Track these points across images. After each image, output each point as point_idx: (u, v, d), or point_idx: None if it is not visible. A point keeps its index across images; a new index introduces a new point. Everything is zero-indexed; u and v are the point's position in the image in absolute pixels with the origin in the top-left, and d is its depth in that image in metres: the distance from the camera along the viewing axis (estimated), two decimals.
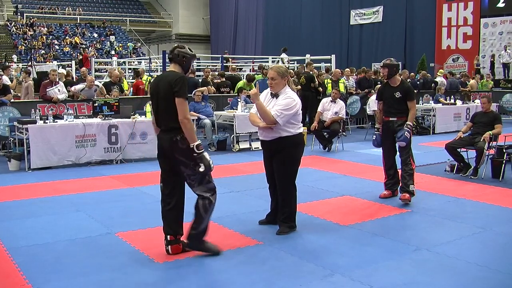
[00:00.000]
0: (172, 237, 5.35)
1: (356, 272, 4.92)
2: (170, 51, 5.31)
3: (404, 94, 7.56)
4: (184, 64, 5.25)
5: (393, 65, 7.66)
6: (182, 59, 5.21)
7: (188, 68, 5.34)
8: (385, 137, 7.82)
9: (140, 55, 38.57)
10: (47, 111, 11.72)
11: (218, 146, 12.93)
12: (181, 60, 5.21)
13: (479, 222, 6.53)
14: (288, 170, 6.08)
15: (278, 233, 6.03)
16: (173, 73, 5.18)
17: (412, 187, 7.52)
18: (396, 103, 7.60)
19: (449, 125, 16.34)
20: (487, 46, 29.24)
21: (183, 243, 5.39)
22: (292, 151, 6.03)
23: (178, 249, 5.38)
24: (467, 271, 4.96)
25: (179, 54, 5.21)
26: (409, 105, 7.59)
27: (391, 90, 7.65)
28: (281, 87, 5.95)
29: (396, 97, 7.57)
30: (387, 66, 7.61)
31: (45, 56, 35.97)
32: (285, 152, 6.00)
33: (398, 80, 7.71)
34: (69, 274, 4.86)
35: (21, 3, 45.79)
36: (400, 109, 7.61)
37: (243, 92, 13.77)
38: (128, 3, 52.86)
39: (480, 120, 9.62)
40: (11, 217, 6.86)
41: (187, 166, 5.12)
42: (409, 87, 7.87)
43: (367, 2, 35.76)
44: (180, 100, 5.00)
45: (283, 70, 6.03)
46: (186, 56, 5.23)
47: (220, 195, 7.95)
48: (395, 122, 7.61)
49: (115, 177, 9.51)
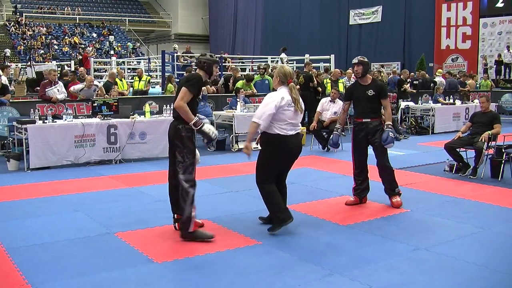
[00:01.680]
0: (178, 216, 5.94)
1: (355, 272, 4.92)
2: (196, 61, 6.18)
3: (377, 92, 7.25)
4: (206, 69, 5.92)
5: (367, 63, 7.34)
6: (203, 65, 5.90)
7: (211, 72, 6.00)
8: (358, 140, 7.41)
9: (139, 55, 38.56)
10: (46, 111, 11.71)
11: (217, 146, 12.91)
12: (203, 66, 5.91)
13: (478, 222, 6.54)
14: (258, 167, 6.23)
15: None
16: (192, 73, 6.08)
17: (397, 189, 7.43)
18: (369, 102, 7.25)
19: (448, 125, 16.34)
20: (486, 46, 29.25)
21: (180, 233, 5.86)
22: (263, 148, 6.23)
23: None
24: (465, 271, 4.96)
25: (201, 61, 5.92)
26: (384, 104, 7.33)
27: (362, 89, 7.29)
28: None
29: (369, 95, 7.21)
30: (361, 64, 7.23)
31: (44, 56, 35.94)
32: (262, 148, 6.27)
33: (369, 78, 7.40)
34: (68, 274, 4.85)
35: (20, 3, 45.75)
36: (373, 109, 7.29)
37: (241, 92, 13.77)
38: (127, 3, 52.84)
39: (479, 120, 9.62)
40: (10, 217, 6.85)
41: (180, 153, 5.73)
42: (382, 84, 7.76)
43: (366, 2, 35.75)
44: (184, 89, 5.66)
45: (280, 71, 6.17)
46: (206, 62, 5.90)
47: (219, 195, 8.03)
48: (370, 123, 7.25)
49: (114, 177, 9.50)
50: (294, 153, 6.18)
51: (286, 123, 5.97)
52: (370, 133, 7.25)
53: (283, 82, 6.10)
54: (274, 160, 6.12)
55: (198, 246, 5.65)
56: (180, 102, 5.61)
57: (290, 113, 5.99)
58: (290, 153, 6.15)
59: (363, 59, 7.29)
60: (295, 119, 6.06)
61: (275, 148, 6.06)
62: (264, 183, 6.14)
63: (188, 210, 5.67)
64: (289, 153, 6.14)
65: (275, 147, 6.06)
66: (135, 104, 13.24)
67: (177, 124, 5.78)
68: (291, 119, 6.01)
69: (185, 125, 5.72)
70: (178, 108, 5.63)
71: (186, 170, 5.71)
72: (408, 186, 8.64)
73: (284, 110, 5.95)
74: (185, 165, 5.71)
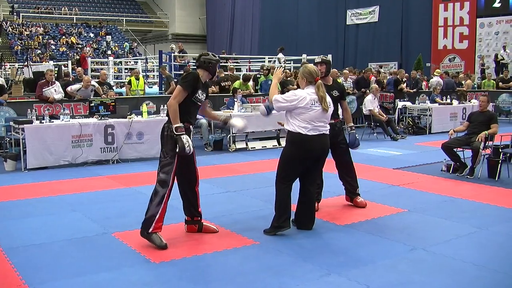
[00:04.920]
0: (188, 218, 6.07)
1: (353, 271, 4.92)
2: (197, 59, 5.95)
3: (341, 92, 7.14)
4: (211, 69, 5.81)
5: (330, 62, 7.22)
6: (208, 65, 5.77)
7: (214, 72, 5.92)
8: None
9: (136, 55, 38.51)
10: (43, 111, 11.68)
11: (215, 146, 12.93)
12: (208, 66, 5.77)
13: (476, 222, 6.55)
14: (279, 164, 6.09)
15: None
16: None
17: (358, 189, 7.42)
18: (334, 103, 6.75)
19: (445, 125, 16.33)
20: (483, 46, 29.27)
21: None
22: (286, 146, 6.09)
23: (192, 229, 6.08)
24: (463, 271, 4.97)
25: (205, 61, 5.77)
26: (343, 105, 7.28)
27: (326, 89, 6.61)
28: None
29: (334, 95, 6.91)
30: (325, 63, 7.04)
31: (41, 56, 35.88)
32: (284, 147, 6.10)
33: (331, 79, 7.23)
34: (66, 274, 4.85)
35: (17, 3, 45.68)
36: (336, 110, 7.02)
37: (238, 92, 13.78)
38: (125, 3, 52.79)
39: (476, 119, 9.63)
40: (7, 217, 6.85)
41: (162, 150, 5.68)
42: (343, 85, 7.71)
43: (363, 2, 35.73)
44: (178, 87, 5.60)
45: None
46: (211, 62, 5.78)
47: (216, 195, 8.03)
48: (335, 125, 6.98)
49: (112, 177, 9.50)
50: (316, 154, 5.98)
51: (307, 123, 5.81)
52: (335, 135, 6.96)
53: (310, 82, 5.94)
54: (293, 159, 5.96)
55: (196, 246, 5.66)
56: (172, 101, 5.53)
57: (315, 112, 5.83)
58: (311, 154, 5.94)
59: (325, 58, 7.18)
60: (319, 119, 5.87)
61: (295, 147, 5.91)
62: (281, 182, 6.02)
63: (153, 211, 5.56)
64: (309, 154, 5.93)
65: (296, 146, 5.90)
66: (132, 104, 13.22)
67: (165, 122, 5.71)
68: (315, 119, 5.83)
69: (170, 125, 5.59)
70: (168, 106, 5.58)
71: (163, 168, 5.60)
72: (405, 186, 8.66)
73: (307, 110, 5.79)
74: (162, 163, 5.62)
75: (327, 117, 5.97)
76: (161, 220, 5.58)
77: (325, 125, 5.96)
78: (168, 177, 5.57)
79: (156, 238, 5.57)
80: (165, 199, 5.56)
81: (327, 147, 6.08)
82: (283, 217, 5.99)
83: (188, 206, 6.01)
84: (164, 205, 5.57)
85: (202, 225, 6.11)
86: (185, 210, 6.05)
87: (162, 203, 5.55)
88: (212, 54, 5.88)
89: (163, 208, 5.56)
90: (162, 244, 5.53)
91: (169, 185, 5.57)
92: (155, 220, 5.54)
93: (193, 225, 6.08)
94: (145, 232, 5.60)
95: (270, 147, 13.05)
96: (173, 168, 5.60)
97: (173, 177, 5.63)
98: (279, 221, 5.99)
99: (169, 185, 5.58)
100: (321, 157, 6.07)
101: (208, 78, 5.90)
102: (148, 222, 5.58)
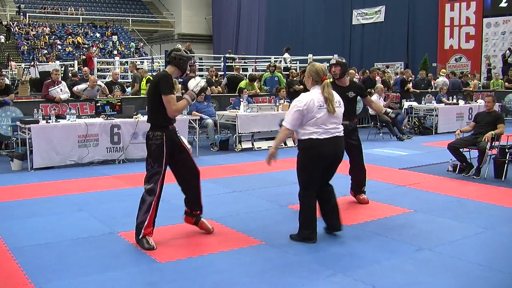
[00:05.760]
0: (188, 210, 6.03)
1: (359, 272, 4.92)
2: (167, 54, 5.74)
3: (358, 92, 7.28)
4: (181, 66, 5.59)
5: (346, 64, 7.24)
6: (179, 61, 5.56)
7: (185, 69, 5.68)
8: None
9: (142, 55, 38.56)
10: (50, 111, 11.71)
11: (221, 146, 12.93)
12: (178, 62, 5.56)
13: (482, 222, 6.53)
14: (298, 174, 5.82)
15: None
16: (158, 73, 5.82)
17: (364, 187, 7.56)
18: (350, 105, 7.02)
19: (451, 125, 16.28)
20: (489, 46, 29.19)
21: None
22: (299, 154, 5.78)
23: (189, 221, 6.06)
24: (469, 271, 4.96)
25: (176, 56, 5.56)
26: (367, 101, 7.62)
27: (342, 91, 6.77)
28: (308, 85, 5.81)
29: (350, 97, 7.07)
30: (340, 64, 7.07)
31: (47, 56, 35.99)
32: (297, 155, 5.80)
33: (347, 80, 7.28)
34: (72, 274, 4.86)
35: (23, 3, 45.83)
36: (352, 111, 7.29)
37: (244, 92, 13.78)
38: (131, 3, 52.92)
39: (482, 119, 9.60)
40: (14, 216, 6.87)
41: (147, 160, 5.64)
42: (360, 85, 7.76)
43: (369, 1, 35.71)
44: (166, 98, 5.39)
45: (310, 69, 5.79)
46: (182, 58, 5.56)
47: (222, 195, 8.03)
48: (349, 125, 7.08)
49: (118, 177, 9.51)
50: (331, 158, 5.70)
51: (317, 126, 5.51)
52: (348, 135, 6.85)
53: (316, 82, 5.64)
54: (309, 166, 5.67)
55: (202, 246, 5.67)
56: (172, 112, 5.44)
57: (323, 115, 5.52)
58: (325, 159, 5.65)
59: (341, 60, 7.22)
60: (328, 122, 5.56)
61: (308, 154, 5.62)
62: (304, 191, 5.78)
63: (141, 218, 5.53)
64: (324, 158, 5.64)
65: (308, 153, 5.62)
66: (138, 103, 13.24)
67: (148, 130, 5.65)
68: (324, 121, 5.53)
69: (154, 132, 5.54)
70: (174, 114, 5.49)
71: (150, 179, 5.53)
72: (411, 186, 8.64)
73: (315, 113, 5.49)
74: (148, 173, 5.57)
75: (337, 118, 5.68)
76: (150, 225, 5.55)
77: (337, 127, 5.68)
78: (155, 186, 5.52)
79: (144, 241, 5.52)
80: (152, 206, 5.51)
81: (341, 150, 5.81)
82: (310, 229, 5.77)
83: (189, 199, 5.99)
84: (152, 211, 5.52)
85: (200, 219, 6.06)
86: (186, 203, 6.01)
87: (150, 210, 5.50)
88: (184, 50, 5.73)
89: (151, 215, 5.51)
90: (150, 246, 5.48)
91: (156, 193, 5.53)
92: (144, 226, 5.51)
93: (190, 218, 6.05)
94: (136, 236, 5.59)
95: None
96: (161, 176, 5.54)
97: (161, 184, 5.57)
98: (306, 233, 5.77)
99: (157, 193, 5.53)
100: (336, 161, 5.79)
101: (178, 75, 5.78)
102: (138, 228, 5.57)
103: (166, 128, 5.57)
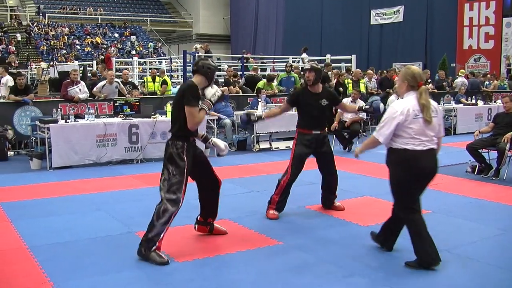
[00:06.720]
0: (201, 218, 5.97)
1: (376, 273, 4.90)
2: (195, 63, 5.59)
3: (331, 99, 6.93)
4: (209, 75, 5.43)
5: (320, 70, 6.86)
6: (207, 70, 5.41)
7: (212, 79, 5.50)
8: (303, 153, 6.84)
9: (160, 55, 38.71)
10: (69, 111, 11.81)
11: (238, 146, 12.95)
12: (206, 71, 5.41)
13: (501, 224, 6.47)
14: (392, 192, 5.26)
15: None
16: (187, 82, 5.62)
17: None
18: (322, 113, 6.85)
19: (470, 126, 16.16)
20: (509, 45, 28.93)
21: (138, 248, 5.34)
22: (390, 168, 5.20)
23: (203, 230, 6.00)
24: (488, 273, 4.92)
25: (204, 65, 5.42)
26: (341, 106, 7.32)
27: (315, 98, 6.74)
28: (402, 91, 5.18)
29: (323, 105, 6.77)
30: (314, 70, 6.70)
31: (66, 56, 36.25)
32: (389, 169, 5.22)
33: (320, 87, 6.84)
34: (90, 273, 4.90)
35: (43, 4, 46.21)
36: (324, 120, 7.04)
37: (262, 92, 13.78)
38: (149, 3, 53.13)
39: (502, 120, 9.53)
40: (33, 215, 6.94)
41: (167, 169, 5.33)
42: (333, 91, 7.57)
43: (387, 1, 35.58)
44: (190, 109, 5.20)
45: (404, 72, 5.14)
46: (210, 68, 5.43)
47: (240, 195, 8.04)
48: (320, 135, 6.86)
49: (136, 177, 9.56)
50: (427, 172, 5.06)
51: (411, 137, 4.92)
52: (319, 145, 6.85)
53: (412, 87, 5.00)
54: (404, 180, 5.06)
55: (218, 246, 5.68)
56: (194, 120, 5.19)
57: (418, 125, 4.91)
58: (422, 173, 5.03)
59: (316, 65, 6.87)
60: (424, 132, 4.94)
61: (402, 167, 5.01)
62: (406, 213, 5.13)
63: (158, 229, 5.19)
64: (420, 172, 5.01)
65: (402, 166, 5.01)
66: (157, 103, 13.29)
67: (168, 139, 5.44)
68: (420, 131, 4.92)
69: (175, 141, 5.33)
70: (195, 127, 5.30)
71: (171, 187, 5.22)
72: (429, 187, 8.57)
73: (410, 123, 4.90)
74: (169, 182, 5.25)
75: (434, 129, 5.02)
76: (163, 238, 5.26)
77: (431, 139, 5.01)
78: (179, 196, 5.22)
79: (155, 256, 5.16)
80: (172, 218, 5.23)
81: (436, 165, 5.12)
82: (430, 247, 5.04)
83: (205, 207, 5.88)
84: (170, 223, 5.26)
85: (213, 226, 5.99)
86: (202, 212, 5.91)
87: (169, 221, 5.23)
88: (211, 61, 5.56)
89: (168, 227, 5.26)
90: (163, 260, 5.13)
91: (180, 203, 5.25)
92: (159, 239, 5.21)
93: (204, 226, 5.97)
94: (142, 251, 5.23)
95: None
96: (184, 185, 5.27)
97: (184, 193, 5.28)
98: (428, 258, 5.02)
99: (181, 202, 5.25)
100: (432, 176, 5.12)
101: (205, 86, 5.44)
102: (151, 241, 5.20)
103: (187, 139, 5.36)
